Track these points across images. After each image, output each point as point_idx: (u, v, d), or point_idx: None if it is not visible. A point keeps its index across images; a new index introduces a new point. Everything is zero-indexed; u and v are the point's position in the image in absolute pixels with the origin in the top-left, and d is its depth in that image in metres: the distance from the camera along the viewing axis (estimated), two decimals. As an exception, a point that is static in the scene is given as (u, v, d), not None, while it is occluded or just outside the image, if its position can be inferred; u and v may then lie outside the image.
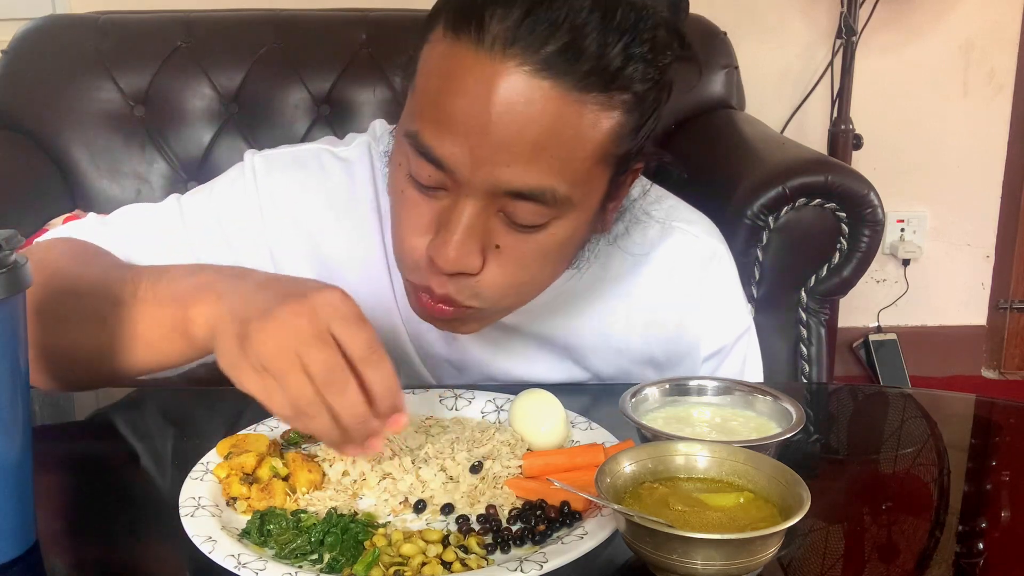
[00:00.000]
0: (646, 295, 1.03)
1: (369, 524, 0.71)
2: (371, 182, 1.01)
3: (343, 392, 0.67)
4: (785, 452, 0.76)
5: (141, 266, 0.88)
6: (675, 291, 1.03)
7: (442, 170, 0.79)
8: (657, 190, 1.05)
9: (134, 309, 0.81)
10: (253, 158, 1.01)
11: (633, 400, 0.82)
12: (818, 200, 1.77)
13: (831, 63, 2.65)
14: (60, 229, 1.00)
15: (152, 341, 0.81)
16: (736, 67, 2.25)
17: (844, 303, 2.59)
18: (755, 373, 1.09)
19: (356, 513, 0.74)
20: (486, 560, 0.68)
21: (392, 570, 0.66)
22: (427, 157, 0.79)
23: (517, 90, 0.75)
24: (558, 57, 0.74)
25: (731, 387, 0.85)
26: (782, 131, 2.68)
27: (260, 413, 0.88)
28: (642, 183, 1.01)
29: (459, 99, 0.76)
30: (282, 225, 0.99)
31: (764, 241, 1.78)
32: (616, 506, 0.65)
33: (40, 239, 0.99)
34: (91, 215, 1.02)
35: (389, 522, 0.73)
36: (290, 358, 0.66)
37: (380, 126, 1.05)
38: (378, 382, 0.68)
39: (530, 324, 1.01)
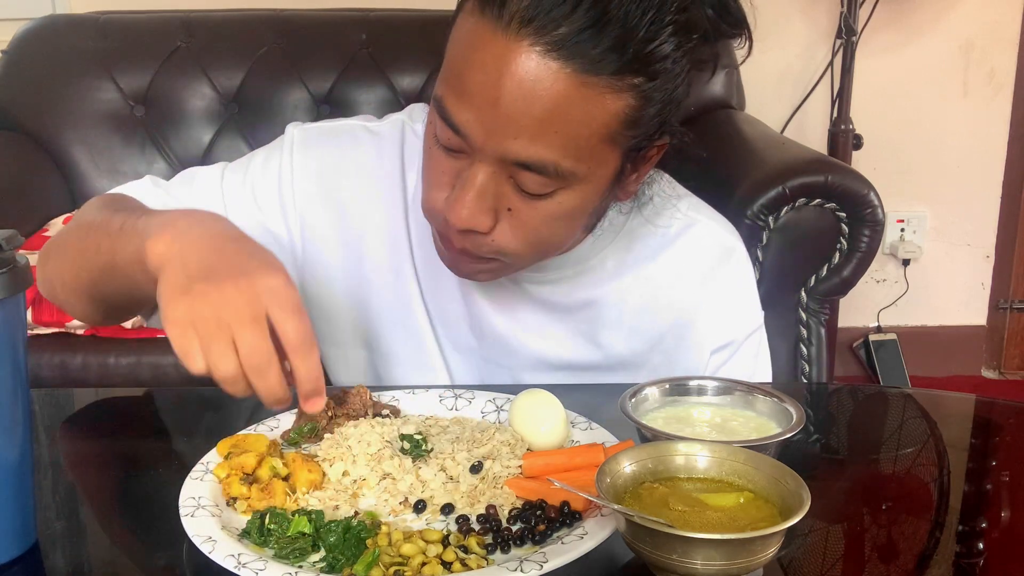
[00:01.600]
0: (664, 279, 1.05)
1: (371, 523, 0.71)
2: (399, 157, 1.05)
3: (265, 375, 0.70)
4: (785, 452, 0.76)
5: (142, 208, 0.91)
6: (692, 279, 1.06)
7: (459, 135, 0.83)
8: (679, 188, 1.08)
9: (116, 239, 0.85)
10: (293, 131, 1.07)
11: (633, 400, 0.82)
12: (818, 200, 1.77)
13: (831, 63, 2.66)
14: (119, 187, 1.05)
15: (124, 268, 0.84)
16: (736, 67, 2.25)
17: (844, 303, 2.59)
18: (765, 373, 1.10)
19: (356, 513, 0.74)
20: (486, 560, 0.68)
21: (392, 570, 0.66)
22: (447, 122, 0.84)
23: (527, 68, 0.79)
24: (570, 39, 0.78)
25: (731, 387, 0.85)
26: (782, 131, 2.68)
27: (260, 413, 0.88)
28: (667, 177, 1.05)
29: (476, 73, 0.81)
30: (310, 196, 1.03)
31: (764, 241, 1.78)
32: (616, 506, 0.65)
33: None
34: (147, 176, 1.07)
35: (389, 522, 0.73)
36: (222, 328, 0.69)
37: (419, 108, 1.09)
38: (304, 370, 0.71)
39: (550, 294, 1.04)
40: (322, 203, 1.03)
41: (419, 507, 0.75)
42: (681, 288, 1.06)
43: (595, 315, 1.05)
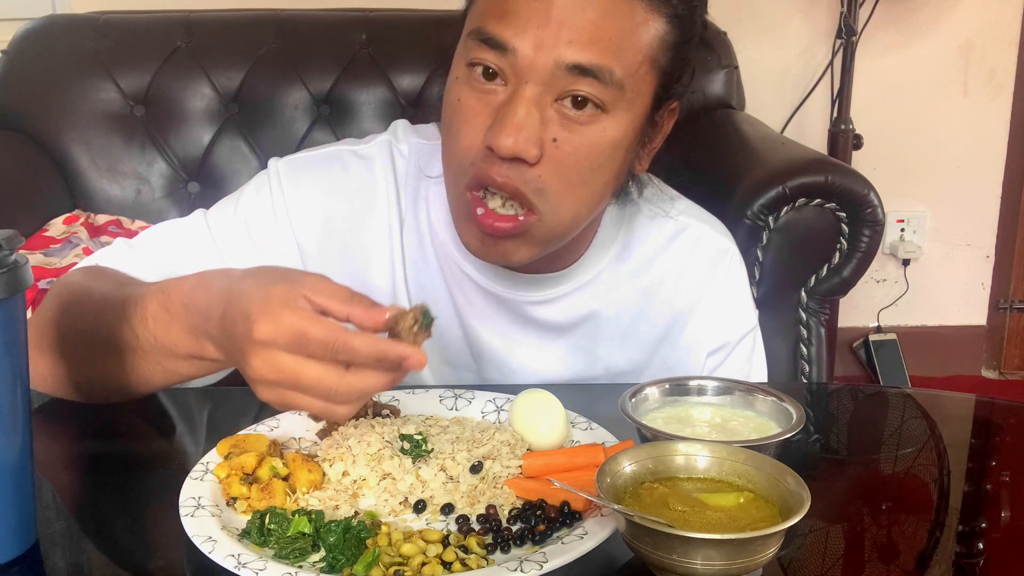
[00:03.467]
0: (659, 286, 1.06)
1: (371, 523, 0.71)
2: (392, 180, 1.03)
3: (336, 391, 0.69)
4: (785, 452, 0.76)
5: (133, 294, 0.87)
6: (686, 284, 1.06)
7: (504, 56, 0.84)
8: (671, 191, 1.08)
9: (145, 354, 0.85)
10: (277, 164, 1.04)
11: (633, 400, 0.82)
12: (818, 200, 1.77)
13: (831, 63, 2.65)
14: (88, 259, 1.02)
15: (171, 369, 0.85)
16: (736, 67, 2.25)
17: (844, 303, 2.59)
18: (760, 372, 1.10)
19: (356, 513, 0.74)
20: (486, 560, 0.68)
21: (392, 570, 0.66)
22: (491, 43, 0.85)
23: None
24: None
25: (731, 387, 0.85)
26: (782, 131, 2.67)
27: (260, 413, 0.88)
28: (658, 181, 1.06)
29: None
30: (310, 227, 1.01)
31: (764, 241, 1.78)
32: (616, 506, 0.65)
33: (73, 269, 1.00)
34: (118, 240, 1.03)
35: (389, 522, 0.73)
36: (286, 376, 0.69)
37: (402, 126, 1.08)
38: (362, 350, 0.69)
39: (547, 313, 1.03)
40: (322, 233, 1.01)
41: (419, 507, 0.75)
42: (675, 292, 1.06)
43: (593, 330, 1.05)
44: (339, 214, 1.02)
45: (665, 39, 0.87)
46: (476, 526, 0.73)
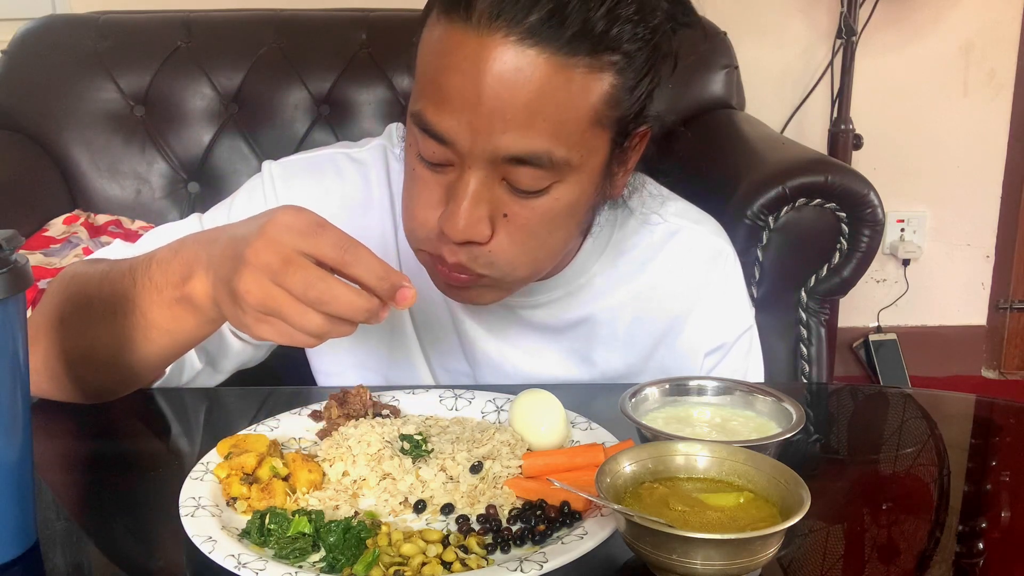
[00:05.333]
0: (654, 289, 1.05)
1: (371, 523, 0.71)
2: (386, 184, 1.03)
3: (333, 298, 0.70)
4: (785, 452, 0.76)
5: (130, 258, 0.90)
6: (681, 286, 1.05)
7: (445, 145, 0.82)
8: (664, 191, 1.07)
9: (138, 298, 0.84)
10: (271, 167, 1.04)
11: (633, 400, 0.82)
12: (818, 200, 1.77)
13: (831, 63, 2.65)
14: (98, 253, 1.03)
15: (165, 324, 0.84)
16: (736, 67, 2.25)
17: (844, 303, 2.59)
18: (757, 371, 1.10)
19: (356, 513, 0.74)
20: (486, 560, 0.68)
21: (392, 570, 0.66)
22: (430, 133, 0.83)
23: (505, 60, 0.78)
24: (541, 25, 0.77)
25: (731, 387, 0.85)
26: (782, 131, 2.68)
27: (261, 413, 0.88)
28: (651, 182, 1.04)
29: (453, 76, 0.80)
30: None
31: (764, 241, 1.77)
32: (616, 506, 0.65)
33: (69, 266, 1.01)
34: (117, 240, 1.04)
35: (389, 522, 0.73)
36: (275, 295, 0.70)
37: (397, 129, 1.07)
38: (364, 273, 0.72)
39: (542, 317, 1.03)
40: None
41: (419, 507, 0.75)
42: (670, 296, 1.05)
43: (588, 333, 1.05)
44: (332, 219, 1.02)
45: (613, 92, 0.82)
46: (476, 526, 0.73)
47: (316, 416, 0.87)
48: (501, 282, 0.90)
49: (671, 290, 1.05)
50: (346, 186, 1.03)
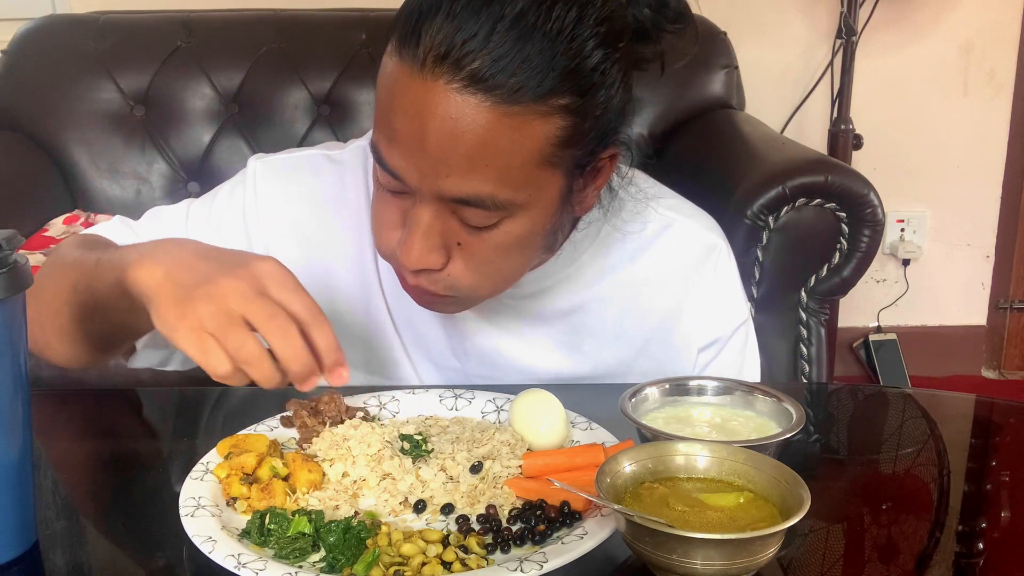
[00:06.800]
0: (645, 282, 1.05)
1: (371, 523, 0.71)
2: (364, 184, 1.03)
3: (286, 336, 0.71)
4: (785, 452, 0.76)
5: (117, 245, 0.92)
6: (673, 280, 1.05)
7: (396, 179, 0.83)
8: (658, 187, 1.07)
9: (93, 275, 0.86)
10: (255, 164, 1.05)
11: (633, 400, 0.82)
12: (818, 200, 1.77)
13: (831, 63, 2.65)
14: (88, 229, 1.06)
15: (106, 303, 0.85)
16: (736, 67, 2.25)
17: (844, 303, 2.59)
18: (752, 366, 1.10)
19: (356, 513, 0.74)
20: (486, 560, 0.68)
21: (392, 570, 0.66)
22: (383, 167, 0.84)
23: (447, 107, 0.77)
24: (486, 72, 0.76)
25: (731, 387, 0.85)
26: (782, 131, 2.68)
27: (260, 413, 0.88)
28: (641, 175, 1.04)
29: (400, 117, 0.80)
30: (277, 229, 1.02)
31: (764, 241, 1.78)
32: (616, 506, 0.65)
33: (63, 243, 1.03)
34: (117, 216, 1.06)
35: (389, 522, 0.73)
36: (231, 316, 0.71)
37: None
38: (322, 339, 0.73)
39: (531, 306, 1.03)
40: (288, 235, 1.02)
41: (419, 507, 0.75)
42: (662, 290, 1.05)
43: (578, 324, 1.04)
44: (304, 219, 1.03)
45: (564, 135, 0.80)
46: (476, 526, 0.73)
47: (287, 422, 0.86)
48: (465, 300, 0.92)
49: (662, 283, 1.05)
50: (321, 186, 1.04)
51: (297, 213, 1.02)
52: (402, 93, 0.80)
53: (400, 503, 0.75)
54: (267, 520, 0.70)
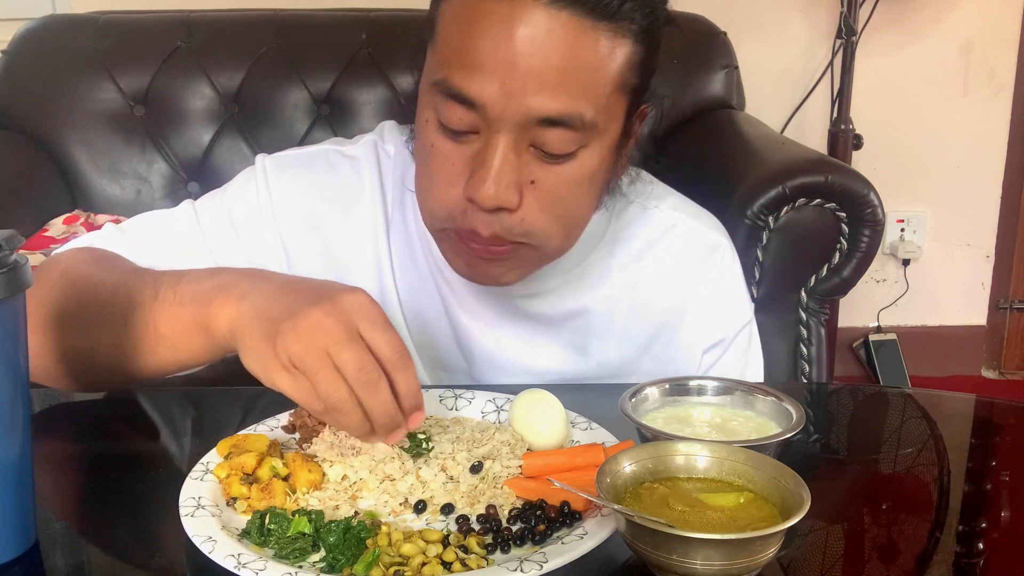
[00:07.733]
0: (649, 282, 1.05)
1: (371, 523, 0.71)
2: (377, 179, 1.04)
3: (376, 391, 0.70)
4: (785, 452, 0.76)
5: (160, 270, 0.90)
6: (677, 280, 1.05)
7: (473, 110, 0.83)
8: (662, 187, 1.07)
9: (155, 310, 0.84)
10: (264, 160, 1.05)
11: (633, 400, 0.82)
12: (818, 200, 1.77)
13: (831, 63, 2.65)
14: (79, 240, 1.03)
15: (173, 341, 0.84)
16: (736, 67, 2.25)
17: (844, 303, 2.59)
18: (756, 367, 1.10)
19: (356, 513, 0.74)
20: (486, 560, 0.68)
21: (392, 570, 0.66)
22: (459, 99, 0.83)
23: (538, 23, 0.80)
24: None
25: (731, 387, 0.85)
26: (782, 131, 2.68)
27: (260, 413, 0.88)
28: (646, 175, 1.05)
29: (485, 40, 0.81)
30: (293, 224, 1.02)
31: (764, 241, 1.77)
32: (616, 506, 0.65)
33: (60, 249, 1.01)
34: (107, 224, 1.04)
35: (389, 522, 0.73)
36: (322, 357, 0.70)
37: (390, 126, 1.08)
38: (404, 383, 0.72)
39: (537, 306, 1.03)
40: (304, 230, 1.02)
41: (419, 507, 0.75)
42: (667, 290, 1.05)
43: (584, 325, 1.05)
44: (321, 213, 1.02)
45: (632, 59, 0.85)
46: (476, 526, 0.73)
47: (289, 429, 0.86)
48: (540, 250, 0.91)
49: (667, 284, 1.05)
50: (338, 180, 1.04)
51: (314, 208, 1.02)
52: (484, 19, 0.81)
53: (400, 503, 0.75)
54: (267, 520, 0.70)
